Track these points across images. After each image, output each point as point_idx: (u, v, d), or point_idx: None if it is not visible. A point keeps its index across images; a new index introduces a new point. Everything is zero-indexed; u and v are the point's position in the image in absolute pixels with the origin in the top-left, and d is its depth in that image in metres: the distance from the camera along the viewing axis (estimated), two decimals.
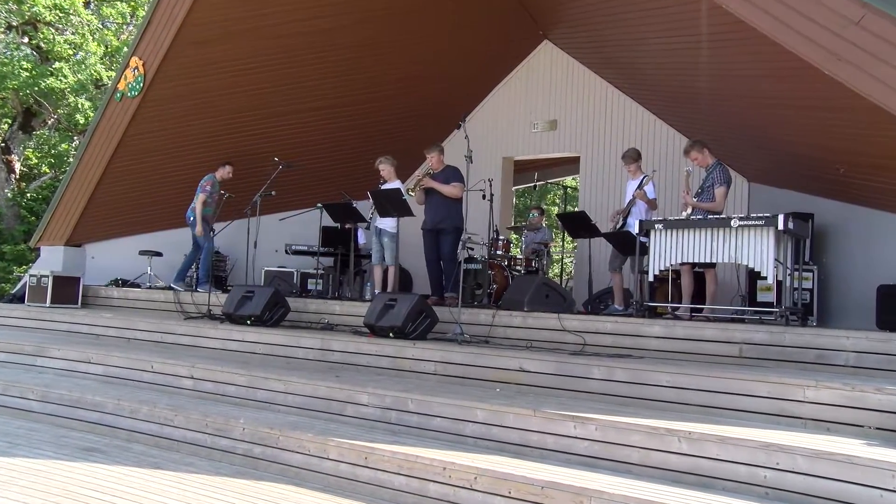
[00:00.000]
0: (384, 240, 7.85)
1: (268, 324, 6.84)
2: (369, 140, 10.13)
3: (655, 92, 8.79)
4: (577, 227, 7.66)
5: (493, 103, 10.60)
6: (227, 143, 9.32)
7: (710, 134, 7.95)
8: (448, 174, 7.45)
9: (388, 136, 10.16)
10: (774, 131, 7.16)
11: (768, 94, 6.39)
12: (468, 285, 8.00)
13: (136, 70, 8.26)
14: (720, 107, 7.62)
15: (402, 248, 7.53)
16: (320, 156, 10.11)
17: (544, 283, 6.58)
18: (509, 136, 10.41)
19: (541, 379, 5.11)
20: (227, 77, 8.47)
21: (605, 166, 9.57)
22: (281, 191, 9.01)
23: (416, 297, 6.18)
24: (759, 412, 4.31)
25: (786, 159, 7.54)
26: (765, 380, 4.36)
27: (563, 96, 9.92)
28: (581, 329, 5.86)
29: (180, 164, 9.34)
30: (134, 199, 9.44)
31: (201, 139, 9.13)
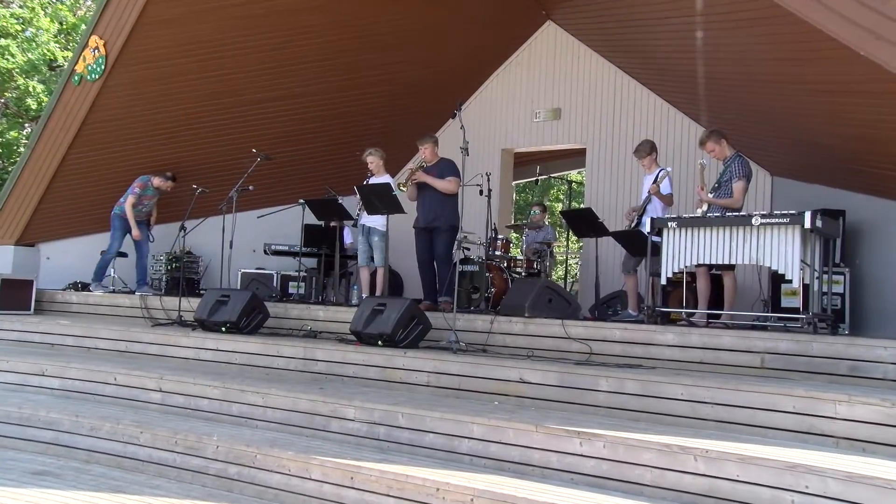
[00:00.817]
0: (372, 239, 7.86)
1: (245, 331, 6.85)
2: (356, 130, 10.14)
3: (669, 77, 8.83)
4: (582, 226, 7.68)
5: (492, 90, 10.63)
6: (198, 133, 9.32)
7: (729, 123, 7.99)
8: (443, 168, 7.47)
9: (377, 126, 10.17)
10: (801, 120, 7.19)
11: (795, 78, 6.42)
12: (464, 289, 8.01)
13: (97, 50, 8.22)
14: (741, 93, 7.66)
15: (392, 248, 7.54)
16: (302, 147, 10.12)
17: (547, 286, 6.59)
18: (509, 127, 10.44)
19: (543, 391, 5.12)
20: (198, 60, 8.47)
21: (613, 159, 9.61)
22: (259, 185, 9.00)
23: (407, 301, 6.20)
24: (785, 429, 4.32)
25: (814, 150, 7.56)
26: (790, 393, 4.37)
27: (568, 83, 9.96)
28: (587, 337, 5.88)
29: (146, 156, 9.34)
30: (94, 194, 9.42)
31: (169, 128, 9.13)
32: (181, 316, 7.58)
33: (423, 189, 7.50)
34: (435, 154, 7.60)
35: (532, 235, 9.29)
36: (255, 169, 8.29)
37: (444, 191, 7.36)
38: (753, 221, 5.68)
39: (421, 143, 7.59)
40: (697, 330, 5.65)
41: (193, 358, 6.71)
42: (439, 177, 7.41)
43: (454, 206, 7.37)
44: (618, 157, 9.55)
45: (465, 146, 6.41)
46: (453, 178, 7.36)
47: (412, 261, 7.72)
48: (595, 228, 7.47)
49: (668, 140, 9.14)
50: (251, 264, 9.93)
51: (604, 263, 8.21)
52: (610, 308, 7.71)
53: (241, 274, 9.68)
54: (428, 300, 7.44)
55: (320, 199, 8.65)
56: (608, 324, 6.06)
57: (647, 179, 7.56)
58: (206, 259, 9.93)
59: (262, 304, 7.09)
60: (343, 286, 9.45)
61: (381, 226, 7.56)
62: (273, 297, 8.29)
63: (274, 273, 9.82)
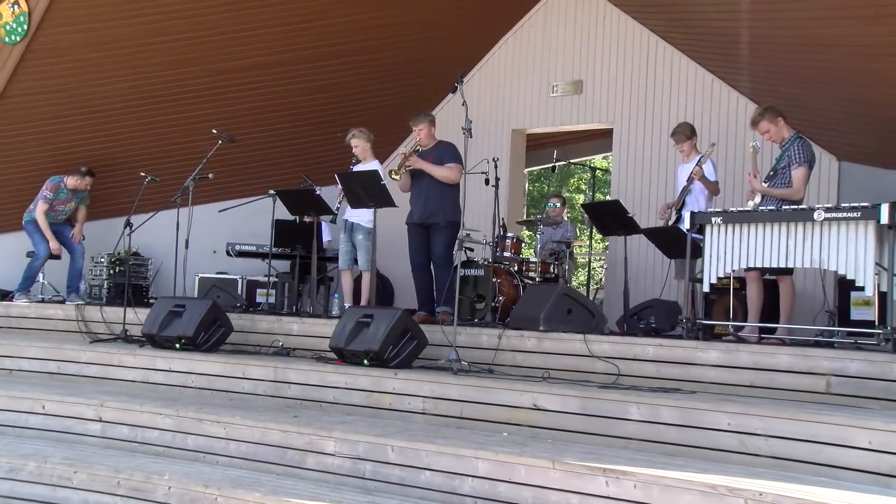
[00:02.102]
0: (357, 237, 7.84)
1: (203, 348, 6.84)
2: (338, 108, 10.14)
3: (714, 43, 8.83)
4: (608, 222, 7.68)
5: (500, 59, 10.63)
6: (146, 111, 9.32)
7: (787, 99, 7.99)
8: (442, 152, 7.47)
9: (363, 103, 10.17)
10: (876, 92, 7.17)
11: (869, 40, 6.39)
12: (466, 297, 8.00)
13: (16, 6, 8.13)
14: (802, 61, 7.65)
15: (381, 248, 7.53)
16: (273, 128, 10.13)
17: (566, 294, 6.59)
18: (520, 103, 10.44)
19: (561, 420, 5.11)
20: (145, 22, 8.45)
21: (645, 142, 9.61)
22: (221, 173, 8.98)
23: (398, 312, 6.20)
24: (859, 469, 4.28)
25: (891, 128, 7.54)
26: (865, 425, 4.34)
27: (592, 50, 9.97)
28: (614, 355, 5.88)
29: (82, 136, 9.34)
30: (20, 182, 9.41)
31: (110, 104, 9.13)
32: (126, 330, 7.57)
33: (419, 178, 7.50)
34: (432, 136, 7.60)
35: (548, 233, 9.29)
36: (216, 153, 8.28)
37: (444, 180, 7.37)
38: (816, 216, 5.67)
39: (415, 123, 7.59)
40: (747, 347, 5.64)
41: (141, 380, 6.69)
42: (437, 163, 7.41)
43: (455, 198, 7.37)
44: (651, 138, 9.55)
45: (467, 126, 6.39)
46: (454, 164, 7.36)
47: (404, 263, 7.71)
48: (623, 224, 7.47)
49: (712, 119, 9.15)
50: (211, 268, 9.93)
51: (634, 267, 8.19)
52: (642, 320, 7.70)
53: (199, 279, 9.68)
54: (423, 310, 7.43)
55: (294, 190, 8.63)
56: (640, 339, 6.05)
57: (683, 169, 7.56)
58: (157, 261, 9.91)
59: (224, 315, 7.08)
60: (321, 294, 9.44)
61: (367, 221, 7.54)
62: (237, 306, 8.27)
63: (238, 278, 9.83)
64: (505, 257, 8.37)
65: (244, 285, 9.76)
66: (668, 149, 8.70)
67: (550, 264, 8.58)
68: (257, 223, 9.54)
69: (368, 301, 7.39)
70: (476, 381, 5.57)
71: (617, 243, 8.75)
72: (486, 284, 7.94)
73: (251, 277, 9.90)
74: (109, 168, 9.81)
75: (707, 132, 8.83)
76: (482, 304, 7.95)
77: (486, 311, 7.71)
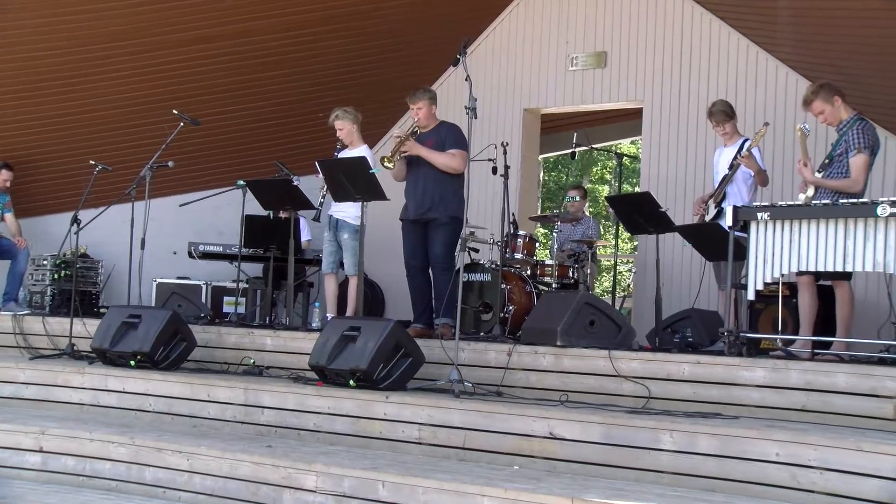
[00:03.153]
0: (342, 236, 7.83)
1: (162, 365, 6.85)
2: (320, 84, 10.13)
3: (760, 9, 8.81)
4: (637, 218, 7.65)
5: (510, 27, 10.62)
6: (95, 87, 9.32)
7: (845, 74, 7.97)
8: (443, 135, 7.45)
9: (349, 78, 10.17)
10: None
11: None
12: (471, 306, 7.98)
13: None
14: (865, 28, 7.61)
15: (370, 248, 7.52)
16: (243, 108, 10.13)
17: (588, 303, 6.58)
18: (534, 78, 10.42)
19: (582, 451, 5.11)
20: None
21: (680, 123, 9.61)
22: (183, 161, 8.96)
23: (389, 324, 6.19)
24: None
25: None
26: None
27: (617, 16, 9.97)
28: (644, 374, 5.87)
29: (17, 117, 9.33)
30: None
31: (54, 78, 9.13)
32: (73, 345, 7.56)
33: (415, 165, 7.48)
34: (432, 116, 7.57)
35: (567, 231, 9.27)
36: (178, 138, 8.26)
37: (445, 168, 7.35)
38: (879, 211, 5.65)
39: (413, 101, 7.55)
40: (799, 364, 5.63)
41: (90, 403, 6.68)
42: (438, 148, 7.39)
43: (458, 190, 7.35)
44: (687, 120, 9.54)
45: (471, 106, 6.35)
46: (457, 150, 7.33)
47: (398, 267, 7.70)
48: (655, 221, 7.45)
49: (757, 97, 9.14)
50: (171, 272, 9.93)
51: (667, 271, 8.17)
52: (677, 334, 7.69)
53: (157, 285, 9.68)
54: (420, 322, 7.43)
55: (267, 181, 8.61)
56: (674, 356, 6.04)
57: (722, 154, 7.54)
58: (108, 264, 9.91)
59: (186, 327, 7.08)
60: (300, 303, 9.43)
61: (354, 218, 7.52)
62: (201, 317, 8.28)
63: (203, 284, 9.82)
64: (516, 259, 8.35)
65: (209, 292, 9.76)
66: (707, 131, 8.67)
67: (569, 268, 8.56)
68: (224, 219, 9.54)
69: (355, 311, 7.37)
70: (482, 405, 5.55)
71: (647, 243, 8.74)
72: (493, 291, 7.92)
73: (217, 283, 9.89)
74: (50, 156, 9.83)
75: (751, 113, 8.83)
76: (489, 315, 7.92)
77: (494, 323, 7.68)
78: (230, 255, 9.19)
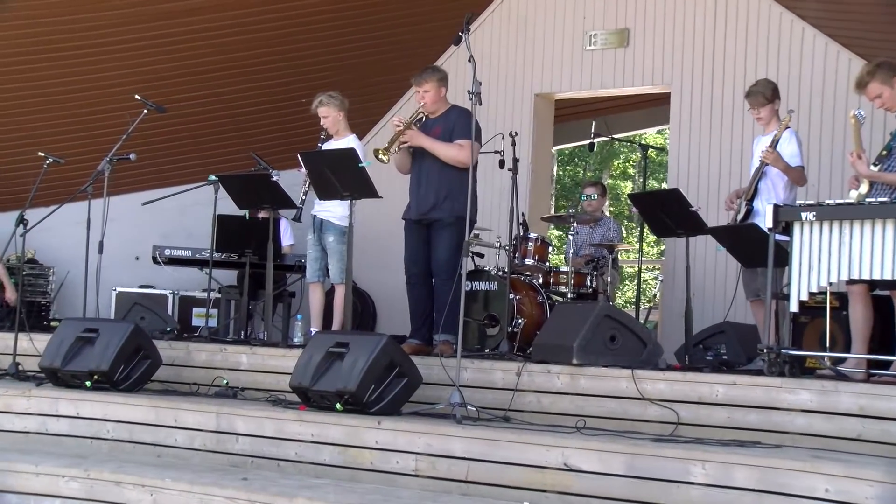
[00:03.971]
0: (327, 239, 7.83)
1: (123, 386, 6.81)
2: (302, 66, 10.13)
3: None
4: (664, 218, 7.64)
5: (518, 0, 10.62)
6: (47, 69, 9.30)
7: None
8: (452, 122, 7.37)
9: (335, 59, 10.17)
10: None
11: None
12: (475, 319, 7.97)
13: None
14: None
15: (360, 253, 7.51)
16: (216, 93, 10.14)
17: (608, 315, 6.55)
18: (546, 59, 10.41)
19: (602, 484, 5.09)
20: None
21: (713, 109, 9.59)
22: (146, 153, 8.96)
23: (382, 340, 6.16)
24: None
25: None
26: None
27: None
28: (673, 397, 5.83)
29: None
30: None
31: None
32: (18, 364, 7.52)
33: (420, 157, 7.41)
34: (441, 99, 7.48)
35: (584, 234, 9.26)
36: (141, 126, 8.22)
37: (450, 161, 7.28)
38: None
39: (419, 82, 7.42)
40: (851, 386, 5.59)
41: (37, 431, 6.62)
42: (445, 136, 7.31)
43: (465, 186, 7.13)
44: (721, 105, 9.53)
45: (475, 90, 6.32)
46: (465, 140, 7.23)
47: (390, 274, 7.73)
48: (684, 222, 7.44)
49: (801, 79, 9.13)
50: (133, 280, 9.90)
51: (698, 279, 8.16)
52: (709, 350, 7.68)
53: (118, 295, 9.66)
54: (416, 338, 7.39)
55: (243, 175, 8.60)
56: (706, 375, 6.02)
57: (758, 143, 7.51)
58: (61, 271, 9.90)
59: (150, 343, 7.06)
60: (280, 315, 9.41)
61: (341, 218, 7.52)
62: (168, 331, 8.26)
63: (169, 294, 9.80)
64: (526, 266, 8.33)
65: (177, 303, 9.75)
66: (745, 119, 8.65)
67: (587, 275, 8.53)
68: (194, 220, 9.52)
69: (343, 325, 7.34)
70: (487, 432, 5.54)
71: (676, 247, 8.71)
72: (500, 302, 7.90)
73: (186, 293, 9.88)
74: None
75: (795, 97, 8.78)
76: (495, 330, 7.90)
77: (501, 339, 7.69)
78: (200, 261, 9.15)
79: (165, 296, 9.76)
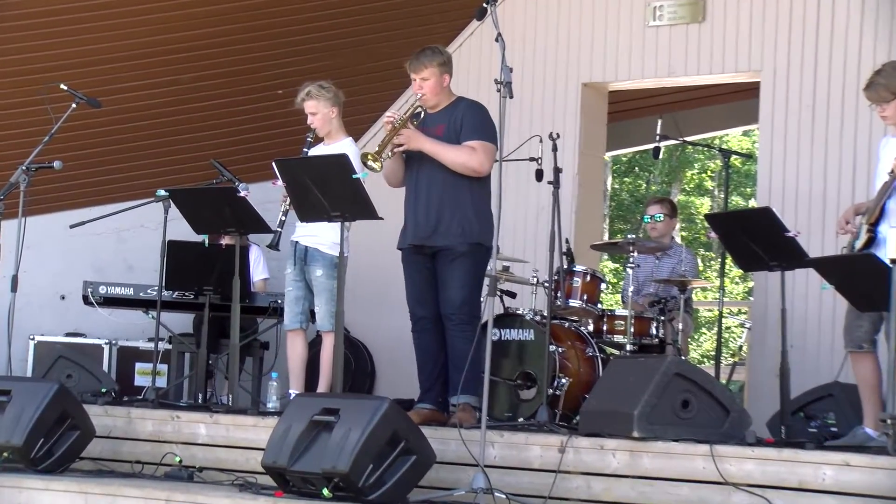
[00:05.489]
0: (313, 273, 7.91)
1: (42, 466, 6.85)
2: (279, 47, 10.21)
3: None
4: (753, 246, 7.63)
5: None
6: None
7: None
8: (459, 118, 7.44)
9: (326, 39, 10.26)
10: None
11: None
12: (505, 378, 8.01)
13: None
14: None
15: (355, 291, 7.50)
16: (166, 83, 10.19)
17: (679, 374, 6.54)
18: (597, 39, 10.46)
19: None
20: None
21: (815, 104, 9.61)
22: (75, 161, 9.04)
23: (382, 405, 6.16)
24: None
25: None
26: None
27: None
28: (765, 481, 5.86)
29: None
30: None
31: None
32: None
33: (417, 164, 7.48)
34: (444, 90, 7.55)
35: (648, 266, 9.33)
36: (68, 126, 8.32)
37: (461, 168, 7.33)
38: None
39: (415, 68, 7.49)
40: None
41: None
42: (451, 137, 7.38)
43: (482, 203, 7.34)
44: (826, 99, 9.54)
45: (505, 80, 6.37)
46: (479, 141, 7.32)
47: (396, 319, 7.73)
48: (779, 251, 7.43)
49: None
50: (57, 326, 9.99)
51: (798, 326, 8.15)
52: (813, 420, 7.65)
53: (37, 345, 9.72)
54: (428, 402, 7.44)
55: (201, 190, 8.66)
56: (809, 453, 6.01)
57: (885, 146, 7.47)
58: None
59: (79, 408, 7.10)
60: (249, 372, 9.46)
61: (332, 246, 7.61)
62: (104, 394, 8.29)
63: (105, 344, 9.87)
64: (571, 308, 8.40)
65: (114, 356, 9.81)
66: (861, 116, 8.66)
67: (651, 321, 8.59)
68: (137, 248, 9.58)
69: (331, 385, 7.38)
70: None
71: (768, 284, 8.72)
72: (537, 357, 7.94)
73: (126, 343, 9.93)
74: None
75: None
76: (531, 392, 7.98)
77: (539, 404, 7.64)
78: (145, 302, 9.21)
79: (100, 347, 9.81)
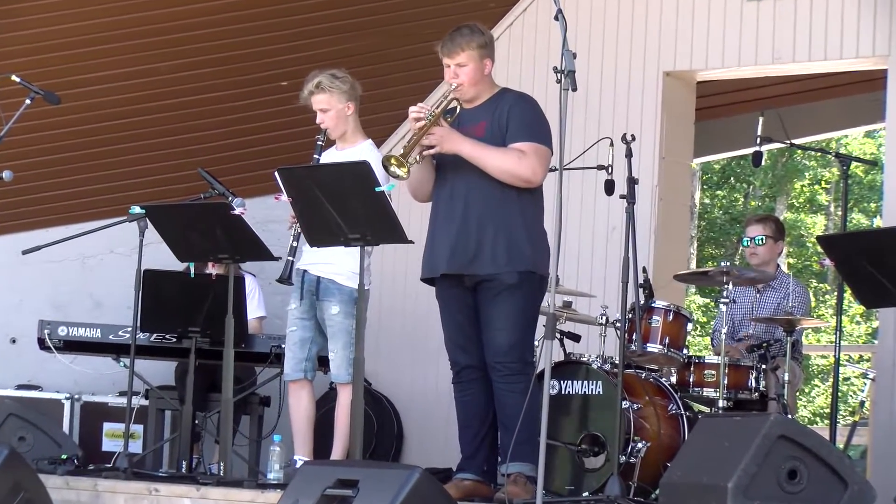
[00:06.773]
0: (327, 311, 8.00)
1: None
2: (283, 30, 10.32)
3: None
4: (878, 277, 7.60)
5: None
6: None
7: None
8: (505, 115, 7.49)
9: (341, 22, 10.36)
10: None
11: None
12: (567, 443, 8.06)
13: None
14: None
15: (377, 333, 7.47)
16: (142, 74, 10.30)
17: (785, 436, 6.52)
18: (683, 19, 10.52)
19: None
20: None
21: None
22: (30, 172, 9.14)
23: (412, 475, 6.15)
24: None
25: None
26: None
27: None
28: None
29: None
30: None
31: None
32: None
33: (451, 172, 7.50)
34: (485, 79, 7.60)
35: (746, 302, 9.37)
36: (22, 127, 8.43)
37: (509, 177, 7.34)
38: None
39: (449, 52, 7.53)
40: None
41: None
42: (494, 138, 7.40)
43: (534, 221, 7.37)
44: None
45: (566, 68, 6.40)
46: (529, 143, 7.33)
47: (427, 368, 7.74)
48: None
49: None
50: (7, 376, 10.12)
51: None
52: None
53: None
54: (470, 471, 7.44)
55: (184, 206, 8.73)
56: None
57: None
58: None
59: (33, 478, 7.09)
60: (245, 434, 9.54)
61: (349, 277, 7.72)
62: (64, 461, 8.33)
63: (65, 400, 9.97)
64: (650, 355, 8.46)
65: (77, 414, 9.91)
66: None
67: (749, 370, 8.61)
68: (105, 279, 9.63)
69: (348, 451, 7.43)
70: None
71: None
72: (607, 415, 7.98)
73: (92, 398, 10.05)
74: None
75: None
76: (600, 459, 8.03)
77: (610, 474, 7.66)
78: (115, 346, 9.28)
79: (59, 402, 9.91)
